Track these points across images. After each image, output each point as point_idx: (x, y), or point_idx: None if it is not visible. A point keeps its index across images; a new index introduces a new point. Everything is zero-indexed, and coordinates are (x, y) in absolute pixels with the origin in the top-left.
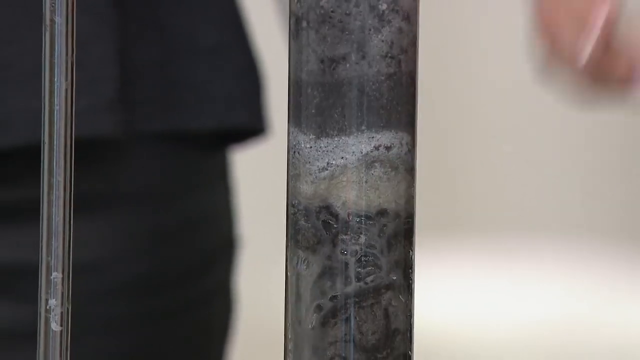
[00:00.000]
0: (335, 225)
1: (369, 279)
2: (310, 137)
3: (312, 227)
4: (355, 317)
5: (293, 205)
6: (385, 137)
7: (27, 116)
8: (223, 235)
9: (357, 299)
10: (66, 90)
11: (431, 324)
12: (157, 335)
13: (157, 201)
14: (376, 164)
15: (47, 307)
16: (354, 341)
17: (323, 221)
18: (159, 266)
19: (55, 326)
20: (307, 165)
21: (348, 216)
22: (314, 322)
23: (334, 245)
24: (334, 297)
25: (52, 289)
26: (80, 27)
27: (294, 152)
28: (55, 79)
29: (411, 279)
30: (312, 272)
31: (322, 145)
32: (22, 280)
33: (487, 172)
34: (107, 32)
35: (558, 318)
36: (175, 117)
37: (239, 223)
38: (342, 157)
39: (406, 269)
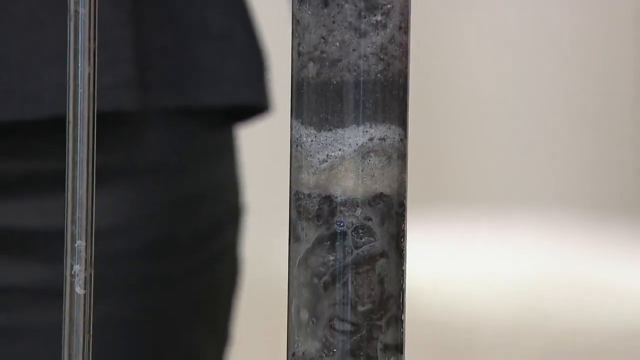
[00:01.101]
0: (334, 204)
1: (365, 248)
2: (311, 131)
3: (313, 205)
4: (353, 282)
5: (296, 194)
6: (378, 130)
7: (56, 91)
8: (230, 203)
9: (354, 266)
10: (89, 74)
11: (421, 282)
12: (172, 293)
13: (171, 172)
14: (371, 154)
15: (72, 272)
16: (351, 304)
17: (324, 203)
18: (173, 231)
19: (79, 290)
20: (309, 158)
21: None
22: (315, 286)
23: (333, 216)
24: (333, 264)
25: (76, 256)
26: (101, 12)
27: (297, 145)
28: (79, 64)
29: (403, 248)
30: (313, 242)
31: (321, 139)
32: (48, 244)
33: (471, 150)
34: (125, 18)
35: (532, 275)
36: (186, 95)
37: (244, 192)
38: (340, 149)
39: (398, 238)
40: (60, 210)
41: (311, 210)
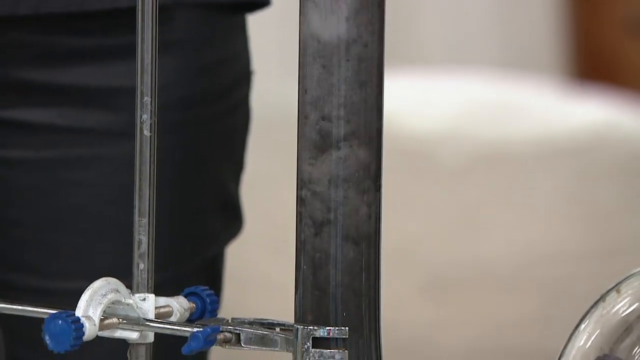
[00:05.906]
0: None
1: None
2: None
3: None
4: None
5: None
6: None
7: None
8: (243, 67)
9: None
10: None
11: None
12: (204, 132)
13: (199, 46)
14: None
15: (141, 120)
16: None
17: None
18: (203, 88)
19: (147, 132)
20: None
21: None
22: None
23: None
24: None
25: (144, 108)
26: None
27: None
28: None
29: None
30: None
31: None
32: (119, 98)
33: (430, 21)
34: None
35: (467, 101)
36: None
37: (251, 60)
38: None
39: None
40: (120, 73)
41: None
